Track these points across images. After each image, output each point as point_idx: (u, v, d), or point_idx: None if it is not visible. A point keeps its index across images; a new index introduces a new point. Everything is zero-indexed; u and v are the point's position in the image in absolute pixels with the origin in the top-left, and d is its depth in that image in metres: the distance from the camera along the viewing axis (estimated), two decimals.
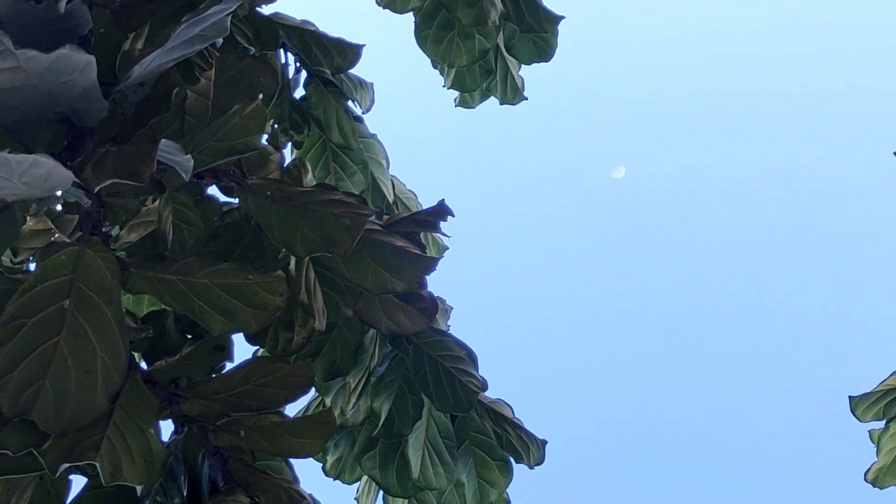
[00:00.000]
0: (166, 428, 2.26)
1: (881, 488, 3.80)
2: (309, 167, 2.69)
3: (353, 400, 2.84)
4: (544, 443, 3.03)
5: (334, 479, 3.11)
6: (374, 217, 2.36)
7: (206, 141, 2.13)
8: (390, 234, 2.40)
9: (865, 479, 3.80)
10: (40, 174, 1.78)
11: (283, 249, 2.37)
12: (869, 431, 3.84)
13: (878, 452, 3.79)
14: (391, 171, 3.73)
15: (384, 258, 2.36)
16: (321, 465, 3.10)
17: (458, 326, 3.11)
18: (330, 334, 2.69)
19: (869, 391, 3.68)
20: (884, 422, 3.74)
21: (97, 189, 1.95)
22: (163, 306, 2.43)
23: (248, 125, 2.14)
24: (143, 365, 2.39)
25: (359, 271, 2.37)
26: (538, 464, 3.02)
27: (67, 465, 1.93)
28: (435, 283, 2.74)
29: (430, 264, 2.41)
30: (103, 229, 2.20)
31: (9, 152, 1.73)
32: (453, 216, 2.57)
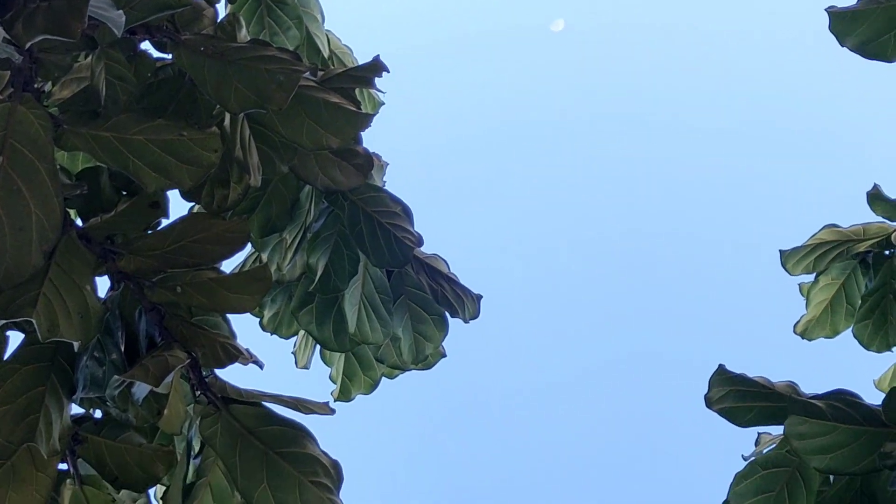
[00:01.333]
0: (103, 284, 2.27)
1: (809, 340, 3.88)
2: (243, 22, 2.66)
3: (289, 256, 2.86)
4: (479, 297, 3.07)
5: (271, 334, 3.15)
6: (308, 73, 2.35)
7: None
8: (325, 91, 2.39)
9: (794, 332, 3.87)
10: None
11: (218, 106, 2.36)
12: (799, 285, 3.91)
13: (807, 305, 3.86)
14: (326, 26, 3.69)
15: (319, 114, 2.36)
16: (258, 320, 3.13)
17: (394, 182, 3.12)
18: (265, 191, 2.69)
19: (799, 245, 3.74)
20: (813, 275, 3.81)
21: (28, 45, 1.93)
22: (97, 163, 2.42)
23: None
24: (79, 222, 2.38)
25: (293, 128, 2.37)
26: (473, 318, 3.06)
27: (3, 321, 1.95)
28: (371, 139, 2.74)
29: (364, 120, 2.41)
30: (35, 86, 2.18)
31: None
32: (388, 72, 2.56)
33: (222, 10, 3.35)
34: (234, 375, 2.37)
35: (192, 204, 2.60)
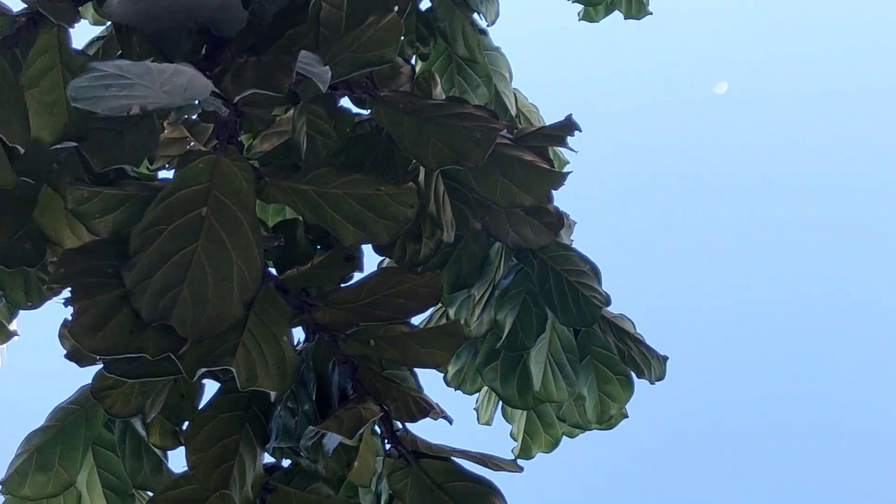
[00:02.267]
0: (296, 335, 2.29)
1: None
2: (438, 80, 2.69)
3: (476, 312, 2.86)
4: (665, 359, 3.03)
5: (455, 389, 3.15)
6: (504, 131, 2.36)
7: (342, 52, 2.14)
8: (520, 149, 2.39)
9: None
10: (181, 83, 1.80)
11: (413, 161, 2.38)
12: None
13: None
14: (513, 85, 3.72)
15: (513, 172, 2.36)
16: (442, 375, 3.13)
17: (581, 241, 3.11)
18: (457, 247, 2.70)
19: None
20: None
21: (236, 99, 1.97)
22: (293, 216, 2.45)
23: (384, 37, 2.14)
24: (273, 272, 2.42)
25: (488, 185, 2.38)
26: (659, 379, 3.02)
27: (204, 369, 1.97)
28: (557, 198, 2.74)
29: (559, 179, 2.41)
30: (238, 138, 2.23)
31: (151, 61, 1.76)
32: (580, 131, 2.55)
33: None
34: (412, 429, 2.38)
35: (382, 258, 2.63)
